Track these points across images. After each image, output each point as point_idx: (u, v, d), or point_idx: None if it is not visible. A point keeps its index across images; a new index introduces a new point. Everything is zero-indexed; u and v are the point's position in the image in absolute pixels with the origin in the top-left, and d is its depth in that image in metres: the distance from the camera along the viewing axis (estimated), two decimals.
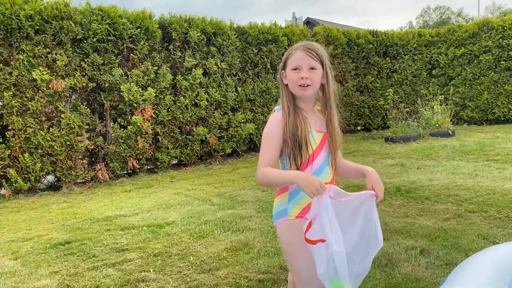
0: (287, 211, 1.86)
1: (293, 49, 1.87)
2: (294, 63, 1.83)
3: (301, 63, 1.82)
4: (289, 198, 1.87)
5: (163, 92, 7.56)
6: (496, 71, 10.97)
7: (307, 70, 1.82)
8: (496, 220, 3.74)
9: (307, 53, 1.82)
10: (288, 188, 1.86)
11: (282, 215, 1.88)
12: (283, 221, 1.87)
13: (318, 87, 1.86)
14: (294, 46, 1.89)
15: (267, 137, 1.85)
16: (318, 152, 1.85)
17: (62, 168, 6.38)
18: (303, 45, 1.85)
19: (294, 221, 1.85)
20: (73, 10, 6.54)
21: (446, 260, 2.97)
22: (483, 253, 2.04)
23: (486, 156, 6.79)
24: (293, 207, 1.85)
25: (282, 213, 1.88)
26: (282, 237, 1.90)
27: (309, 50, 1.82)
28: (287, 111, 1.84)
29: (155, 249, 3.50)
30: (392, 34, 12.28)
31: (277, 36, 9.41)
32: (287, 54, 1.88)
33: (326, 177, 1.86)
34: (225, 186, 6.04)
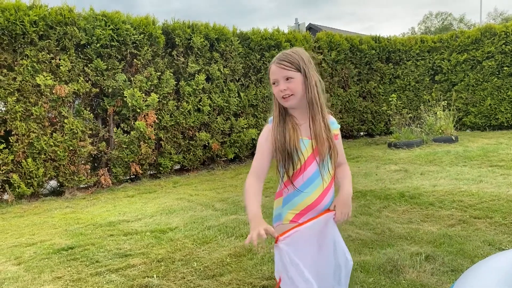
0: (281, 216, 1.91)
1: (270, 63, 1.91)
2: (272, 78, 1.88)
3: (276, 76, 1.85)
4: (283, 203, 1.91)
5: (166, 97, 7.58)
6: (499, 77, 10.95)
7: (284, 81, 1.84)
8: (502, 227, 3.71)
9: (279, 66, 1.85)
10: (283, 193, 1.90)
11: (278, 220, 1.93)
12: (277, 226, 1.91)
13: (301, 94, 1.86)
14: (272, 60, 1.92)
15: (259, 146, 1.90)
16: (310, 161, 1.85)
17: (65, 173, 6.38)
18: (277, 58, 1.88)
19: (288, 225, 1.87)
20: (77, 16, 6.57)
21: (452, 267, 2.94)
22: (490, 259, 2.02)
23: (490, 162, 6.75)
24: (287, 211, 1.89)
25: (278, 217, 1.93)
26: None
27: (281, 62, 1.85)
28: (277, 121, 1.89)
29: (158, 255, 3.48)
30: (394, 40, 12.29)
31: (280, 42, 9.43)
32: (268, 70, 1.92)
33: (318, 188, 1.87)
34: (228, 192, 6.02)
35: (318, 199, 1.87)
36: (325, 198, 1.89)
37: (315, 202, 1.86)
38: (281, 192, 1.92)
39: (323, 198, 1.89)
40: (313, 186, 1.86)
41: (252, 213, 1.71)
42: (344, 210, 1.89)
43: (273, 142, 1.84)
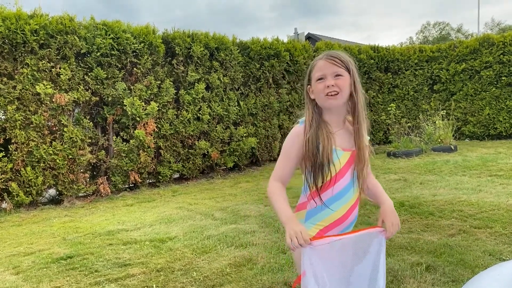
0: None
1: (316, 60, 1.78)
2: (319, 73, 1.74)
3: (325, 71, 1.72)
4: (306, 217, 1.80)
5: (166, 106, 7.59)
6: (498, 87, 11.01)
7: (333, 77, 1.72)
8: (502, 236, 3.71)
9: (330, 60, 1.73)
10: (306, 206, 1.80)
11: None
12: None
13: (347, 96, 1.75)
14: (317, 57, 1.80)
15: (285, 150, 1.78)
16: (342, 174, 1.75)
17: (64, 181, 6.36)
18: (326, 54, 1.76)
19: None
20: (78, 25, 6.60)
21: (452, 277, 2.93)
22: (491, 270, 2.01)
23: (489, 171, 6.76)
24: (310, 226, 1.79)
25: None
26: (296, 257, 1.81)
27: (332, 58, 1.73)
28: (310, 125, 1.73)
29: (157, 264, 3.46)
30: (393, 49, 12.36)
31: (279, 51, 9.47)
32: (311, 67, 1.79)
33: (348, 202, 1.78)
34: (228, 201, 6.01)
35: (346, 215, 1.78)
36: (352, 214, 1.81)
37: (342, 218, 1.77)
38: (305, 205, 1.81)
39: (350, 213, 1.80)
40: (342, 200, 1.77)
41: (286, 215, 1.62)
42: (395, 221, 1.76)
43: (304, 149, 1.72)
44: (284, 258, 3.45)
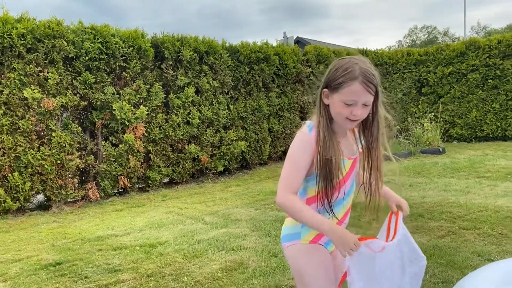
0: (300, 235, 1.79)
1: (349, 74, 1.60)
2: (349, 98, 1.60)
3: (359, 98, 1.60)
4: (303, 225, 1.78)
5: (155, 110, 7.55)
6: (484, 90, 11.16)
7: (361, 106, 1.61)
8: (490, 237, 3.75)
9: (367, 88, 1.59)
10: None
11: (294, 238, 1.80)
12: (294, 244, 1.79)
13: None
14: (350, 69, 1.61)
15: (294, 158, 1.66)
16: (345, 181, 1.73)
17: (52, 187, 6.29)
18: (363, 76, 1.59)
19: (308, 245, 1.79)
20: (66, 29, 6.55)
21: (442, 278, 2.96)
22: (480, 271, 2.03)
23: (477, 173, 6.85)
24: (307, 232, 1.78)
25: (294, 236, 1.80)
26: (294, 262, 1.81)
27: (369, 85, 1.60)
28: (323, 136, 1.64)
29: (148, 270, 3.44)
30: (381, 53, 12.48)
31: (269, 55, 9.50)
32: (342, 79, 1.61)
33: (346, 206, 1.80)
34: (218, 205, 5.99)
35: (342, 219, 1.81)
36: (347, 217, 1.84)
37: (339, 222, 1.77)
38: None
39: (346, 217, 1.83)
40: (342, 206, 1.78)
41: (328, 224, 1.56)
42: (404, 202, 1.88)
43: (316, 161, 1.64)
44: (275, 261, 3.45)
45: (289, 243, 1.81)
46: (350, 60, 1.65)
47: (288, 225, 1.85)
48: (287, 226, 1.85)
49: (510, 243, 3.56)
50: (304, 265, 1.76)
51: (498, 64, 10.88)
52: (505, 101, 10.91)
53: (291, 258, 1.81)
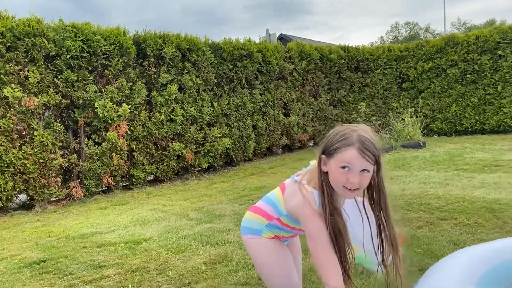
0: (260, 232, 1.94)
1: (345, 140, 1.59)
2: (345, 163, 1.58)
3: (354, 165, 1.58)
4: (267, 225, 1.93)
5: (138, 108, 7.55)
6: (463, 84, 11.39)
7: (358, 173, 1.59)
8: (466, 227, 3.88)
9: (363, 156, 1.56)
10: (271, 219, 1.91)
11: (255, 233, 1.95)
12: (255, 238, 1.95)
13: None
14: (347, 135, 1.60)
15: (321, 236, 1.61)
16: None
17: (35, 186, 6.25)
18: (360, 142, 1.57)
19: (268, 240, 1.94)
20: (46, 27, 6.50)
21: (420, 266, 3.05)
22: (451, 256, 2.13)
23: (455, 165, 7.01)
24: (269, 231, 1.93)
25: (255, 231, 1.95)
26: (254, 255, 1.97)
27: (366, 152, 1.57)
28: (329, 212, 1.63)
29: (133, 265, 3.47)
30: (363, 49, 12.63)
31: (252, 52, 9.55)
32: (338, 144, 1.60)
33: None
34: (202, 201, 6.03)
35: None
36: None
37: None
38: (270, 217, 1.90)
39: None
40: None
41: None
42: None
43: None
44: None
45: (249, 236, 1.96)
46: (349, 127, 1.65)
47: (251, 219, 1.97)
48: (250, 219, 1.98)
49: (485, 232, 3.69)
50: (264, 258, 1.93)
51: (476, 59, 11.11)
52: (483, 95, 11.15)
53: (251, 250, 1.97)
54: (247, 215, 2.02)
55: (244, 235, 2.00)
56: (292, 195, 1.80)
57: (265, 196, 2.01)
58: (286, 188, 1.88)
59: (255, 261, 1.98)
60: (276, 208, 1.89)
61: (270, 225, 1.92)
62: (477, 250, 2.15)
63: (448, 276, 1.90)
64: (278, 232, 1.93)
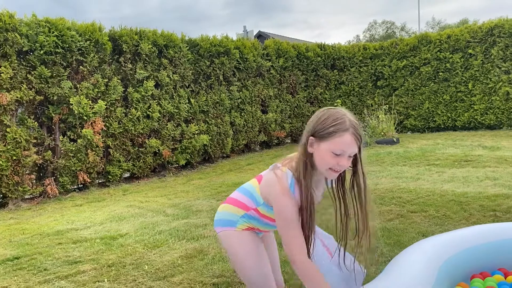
0: (236, 223, 1.94)
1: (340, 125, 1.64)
2: (339, 147, 1.64)
3: (349, 150, 1.66)
4: (244, 216, 1.93)
5: (114, 104, 7.49)
6: (436, 82, 11.69)
7: (347, 157, 1.68)
8: (435, 219, 4.03)
9: (356, 140, 1.66)
10: (248, 210, 1.92)
11: (229, 225, 1.95)
12: (229, 230, 1.95)
13: None
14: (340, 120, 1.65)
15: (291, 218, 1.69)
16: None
17: (8, 184, 6.14)
18: (353, 128, 1.66)
19: (243, 231, 1.95)
20: (19, 22, 6.39)
21: (390, 257, 3.16)
22: (416, 245, 2.24)
23: (427, 161, 7.22)
24: (244, 222, 1.94)
25: (229, 223, 1.95)
26: (228, 245, 1.97)
27: (358, 137, 1.67)
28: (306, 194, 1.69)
29: (108, 260, 3.48)
30: (339, 47, 12.81)
31: (229, 49, 9.58)
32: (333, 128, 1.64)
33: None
34: (179, 197, 6.05)
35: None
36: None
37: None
38: (247, 209, 1.91)
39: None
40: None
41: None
42: None
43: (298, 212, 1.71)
44: None
45: (223, 228, 1.97)
46: (339, 111, 1.69)
47: (226, 210, 1.99)
48: (225, 211, 1.99)
49: (452, 223, 3.84)
50: (238, 249, 1.94)
51: (448, 58, 11.42)
52: (454, 93, 11.47)
53: (225, 242, 1.98)
54: (221, 208, 2.03)
55: (218, 228, 2.01)
56: (268, 181, 1.83)
57: (240, 187, 2.03)
58: (263, 177, 1.90)
59: (230, 252, 2.00)
60: (252, 198, 1.90)
61: (247, 216, 1.92)
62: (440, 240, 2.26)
63: (412, 263, 1.99)
64: (254, 223, 1.95)
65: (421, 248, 2.15)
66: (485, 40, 10.95)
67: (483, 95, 11.06)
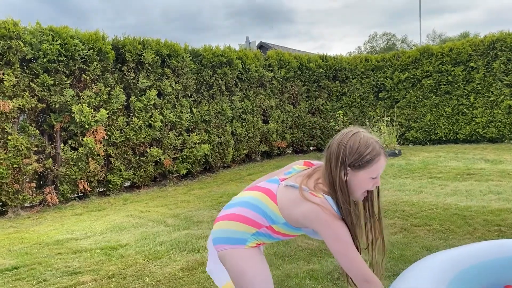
0: (246, 241, 1.84)
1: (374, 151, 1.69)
2: (377, 172, 1.71)
3: (382, 171, 1.73)
4: (255, 234, 1.84)
5: (116, 113, 7.48)
6: (437, 94, 11.69)
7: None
8: (439, 233, 3.99)
9: (386, 161, 1.73)
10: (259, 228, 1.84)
11: (238, 243, 1.84)
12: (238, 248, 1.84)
13: None
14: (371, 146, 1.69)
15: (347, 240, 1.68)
16: None
17: (8, 192, 6.11)
18: (383, 149, 1.72)
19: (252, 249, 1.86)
20: (23, 30, 6.40)
21: (394, 271, 3.13)
22: (423, 260, 2.20)
23: (430, 173, 7.18)
24: (254, 240, 1.85)
25: (238, 241, 1.84)
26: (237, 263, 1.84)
27: (386, 153, 1.74)
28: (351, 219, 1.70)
29: (109, 271, 3.44)
30: (341, 58, 12.83)
31: (232, 59, 9.60)
32: (369, 156, 1.68)
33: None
34: (180, 207, 6.01)
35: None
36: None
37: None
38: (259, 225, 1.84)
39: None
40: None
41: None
42: None
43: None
44: None
45: (231, 246, 1.85)
46: (363, 135, 1.72)
47: (232, 228, 1.86)
48: (231, 229, 1.86)
49: (456, 238, 3.80)
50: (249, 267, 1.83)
51: (450, 71, 11.43)
52: (456, 105, 11.46)
53: (231, 261, 1.84)
54: (225, 224, 1.89)
55: (222, 246, 1.86)
56: (293, 202, 1.75)
57: (241, 201, 1.90)
58: (278, 195, 1.81)
59: (237, 270, 1.84)
60: (266, 216, 1.82)
61: (258, 233, 1.84)
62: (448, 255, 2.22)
63: (420, 279, 1.95)
64: (263, 239, 1.87)
65: (428, 264, 2.11)
66: (487, 53, 10.96)
67: (485, 108, 11.05)
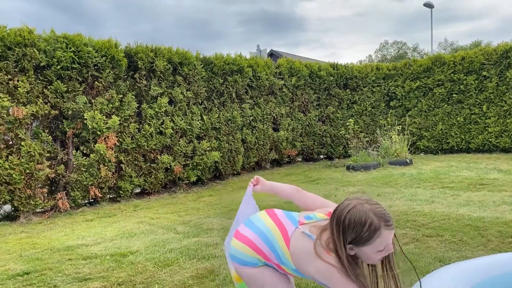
0: (257, 265, 1.93)
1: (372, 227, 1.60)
2: (383, 245, 1.63)
3: (389, 242, 1.64)
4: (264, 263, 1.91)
5: (128, 120, 7.54)
6: (449, 103, 11.60)
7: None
8: (451, 244, 3.93)
9: (390, 229, 1.63)
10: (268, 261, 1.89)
11: (250, 265, 1.94)
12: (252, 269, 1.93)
13: None
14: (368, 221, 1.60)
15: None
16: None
17: (20, 197, 6.17)
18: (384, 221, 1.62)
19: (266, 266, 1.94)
20: (37, 38, 6.50)
21: (406, 283, 3.08)
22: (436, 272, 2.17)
23: (441, 183, 7.10)
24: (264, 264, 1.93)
25: (249, 263, 1.93)
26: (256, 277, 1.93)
27: (391, 224, 1.63)
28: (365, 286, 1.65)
29: (119, 278, 3.44)
30: (352, 67, 12.81)
31: (242, 67, 9.64)
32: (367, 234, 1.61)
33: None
34: (190, 214, 6.01)
35: None
36: None
37: None
38: (268, 259, 1.88)
39: None
40: None
41: None
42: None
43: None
44: None
45: (243, 267, 1.95)
46: (359, 209, 1.63)
47: (244, 252, 1.93)
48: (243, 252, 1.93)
49: (469, 249, 3.74)
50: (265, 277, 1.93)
51: (462, 80, 11.34)
52: (468, 115, 11.36)
53: (247, 277, 1.95)
54: (239, 246, 1.93)
55: (237, 264, 1.96)
56: (307, 255, 1.73)
57: (259, 229, 1.92)
58: (292, 240, 1.82)
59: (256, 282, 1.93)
60: (276, 254, 1.85)
61: (267, 264, 1.92)
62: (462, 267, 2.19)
63: None
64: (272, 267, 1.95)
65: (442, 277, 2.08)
66: (500, 62, 10.86)
67: (498, 117, 10.93)
